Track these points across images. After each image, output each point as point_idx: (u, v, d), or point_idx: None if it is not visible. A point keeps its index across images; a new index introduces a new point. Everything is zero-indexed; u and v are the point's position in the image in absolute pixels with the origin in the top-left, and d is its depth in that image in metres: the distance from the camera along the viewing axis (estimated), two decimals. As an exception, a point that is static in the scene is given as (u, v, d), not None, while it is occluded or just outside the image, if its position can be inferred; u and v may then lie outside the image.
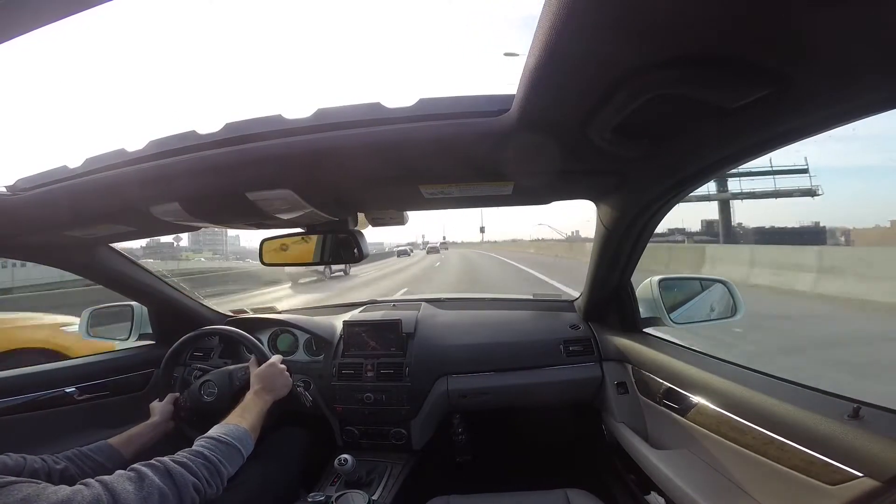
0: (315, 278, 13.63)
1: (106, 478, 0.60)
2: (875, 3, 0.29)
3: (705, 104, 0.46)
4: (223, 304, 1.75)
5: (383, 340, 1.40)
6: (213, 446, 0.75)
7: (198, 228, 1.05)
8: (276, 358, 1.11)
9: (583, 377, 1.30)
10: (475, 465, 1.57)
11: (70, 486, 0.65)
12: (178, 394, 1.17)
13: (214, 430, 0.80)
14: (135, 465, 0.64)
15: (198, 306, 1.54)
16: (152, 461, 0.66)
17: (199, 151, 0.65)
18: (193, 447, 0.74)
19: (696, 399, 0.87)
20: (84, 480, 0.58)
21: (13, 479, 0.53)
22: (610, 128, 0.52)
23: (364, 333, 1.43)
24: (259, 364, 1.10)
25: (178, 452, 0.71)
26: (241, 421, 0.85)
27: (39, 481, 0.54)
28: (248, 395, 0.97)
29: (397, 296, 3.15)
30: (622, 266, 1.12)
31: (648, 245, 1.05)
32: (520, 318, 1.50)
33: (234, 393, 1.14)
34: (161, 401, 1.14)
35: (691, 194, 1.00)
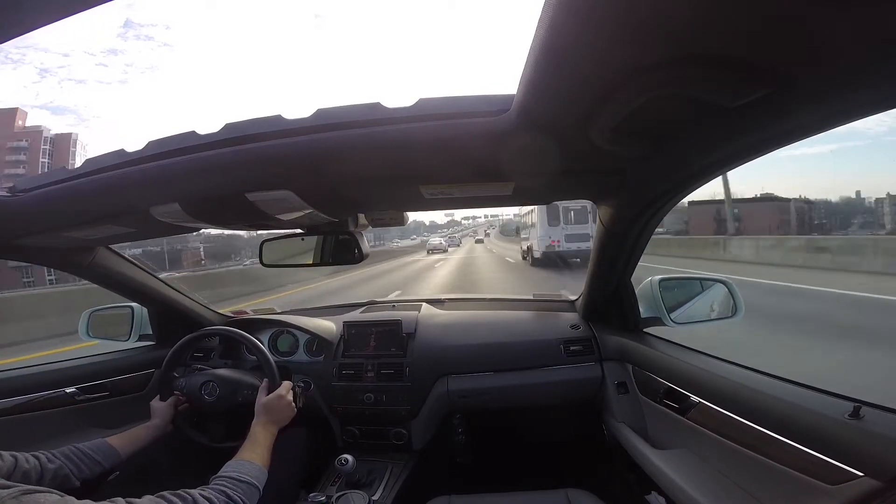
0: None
1: (135, 500, 0.61)
2: (875, 2, 0.29)
3: (705, 104, 0.45)
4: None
5: (383, 341, 1.40)
6: (235, 486, 0.76)
7: (198, 229, 1.05)
8: (285, 387, 1.08)
9: (583, 377, 1.29)
10: (475, 465, 1.57)
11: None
12: (180, 396, 1.17)
13: (233, 469, 0.80)
14: (164, 493, 0.66)
15: (197, 307, 1.54)
16: (180, 492, 0.68)
17: (199, 152, 0.65)
18: (216, 485, 0.75)
19: (697, 399, 0.87)
20: (113, 499, 0.59)
21: (35, 487, 0.54)
22: (610, 128, 0.52)
23: (364, 334, 1.42)
24: (269, 389, 1.07)
25: (203, 488, 0.72)
26: (255, 457, 0.86)
27: (63, 494, 0.55)
28: (258, 428, 0.96)
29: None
30: (622, 266, 1.12)
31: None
32: (520, 318, 1.50)
33: (234, 404, 1.15)
34: (162, 400, 1.14)
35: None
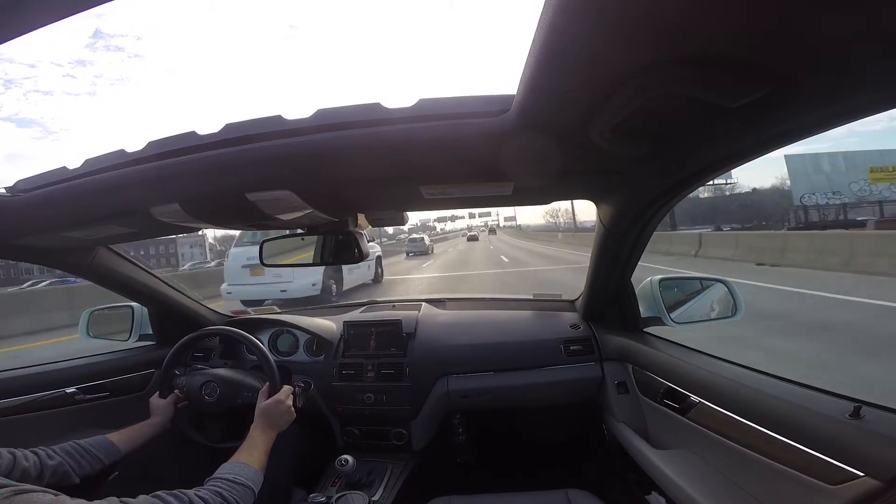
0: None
1: (129, 500, 0.61)
2: (875, 2, 0.29)
3: (705, 104, 0.45)
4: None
5: (384, 340, 1.40)
6: (231, 487, 0.76)
7: (198, 229, 1.05)
8: (284, 392, 1.08)
9: (583, 377, 1.29)
10: (476, 466, 1.57)
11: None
12: (180, 394, 1.17)
13: (228, 471, 0.80)
14: (159, 493, 0.66)
15: (198, 307, 1.54)
16: (176, 492, 0.67)
17: (199, 152, 0.65)
18: (211, 486, 0.75)
19: (697, 399, 0.87)
20: (108, 499, 0.58)
21: (28, 486, 0.54)
22: (610, 128, 0.52)
23: (364, 334, 1.42)
24: (270, 392, 1.07)
25: (198, 489, 0.72)
26: (252, 460, 0.86)
27: (57, 493, 0.55)
28: (256, 431, 0.96)
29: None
30: (622, 266, 1.12)
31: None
32: (520, 317, 1.50)
33: (234, 406, 1.15)
34: (161, 398, 1.14)
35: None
